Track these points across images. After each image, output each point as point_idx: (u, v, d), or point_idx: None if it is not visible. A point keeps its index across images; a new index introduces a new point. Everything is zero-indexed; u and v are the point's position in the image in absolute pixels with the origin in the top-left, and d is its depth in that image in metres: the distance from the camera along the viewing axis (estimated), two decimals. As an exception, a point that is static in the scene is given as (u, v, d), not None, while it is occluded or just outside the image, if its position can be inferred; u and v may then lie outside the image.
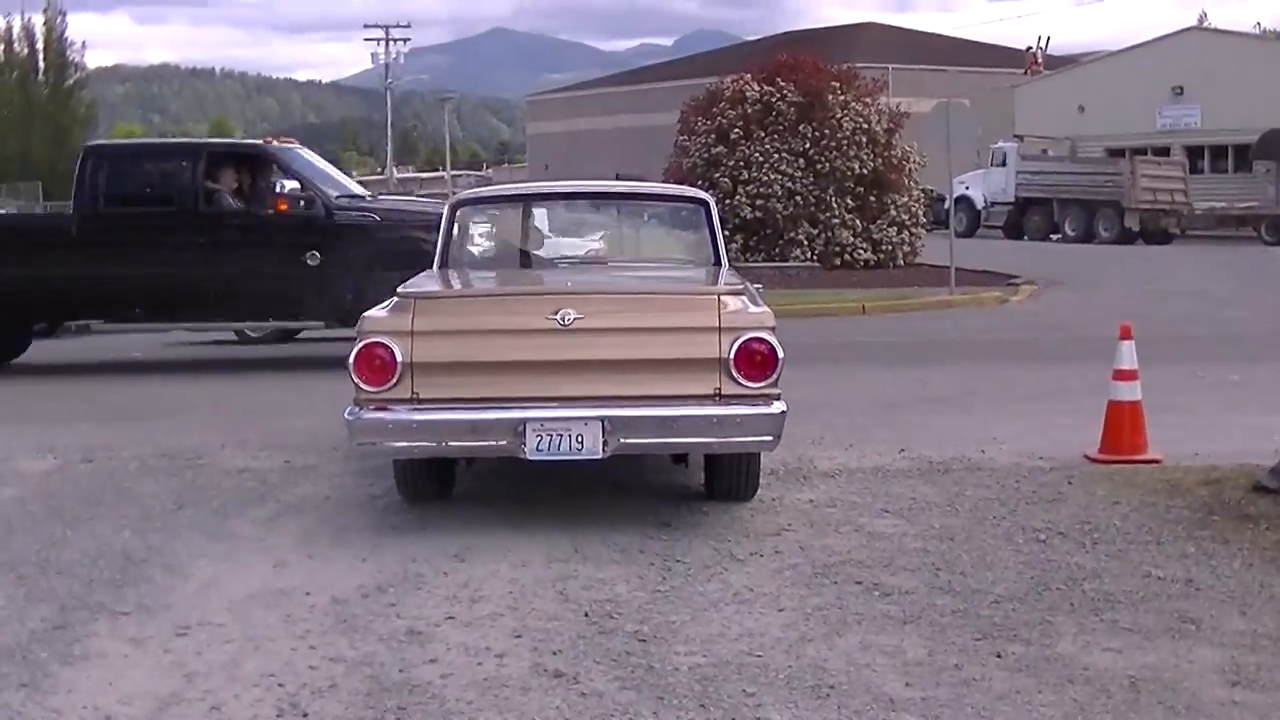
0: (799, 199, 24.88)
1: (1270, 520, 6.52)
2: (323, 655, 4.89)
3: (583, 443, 6.29)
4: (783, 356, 6.33)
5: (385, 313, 6.65)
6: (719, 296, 6.56)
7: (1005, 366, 12.82)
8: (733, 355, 6.28)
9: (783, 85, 25.43)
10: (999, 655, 4.80)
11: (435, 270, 7.82)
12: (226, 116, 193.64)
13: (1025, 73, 58.22)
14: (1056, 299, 20.77)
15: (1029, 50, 62.77)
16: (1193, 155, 44.66)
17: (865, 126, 25.17)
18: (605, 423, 6.28)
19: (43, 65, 72.17)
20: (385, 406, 6.36)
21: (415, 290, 6.89)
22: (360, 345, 6.37)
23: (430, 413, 6.35)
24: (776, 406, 6.35)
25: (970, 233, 38.11)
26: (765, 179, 24.73)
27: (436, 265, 7.87)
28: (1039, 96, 50.76)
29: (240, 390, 11.86)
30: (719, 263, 7.90)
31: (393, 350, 6.30)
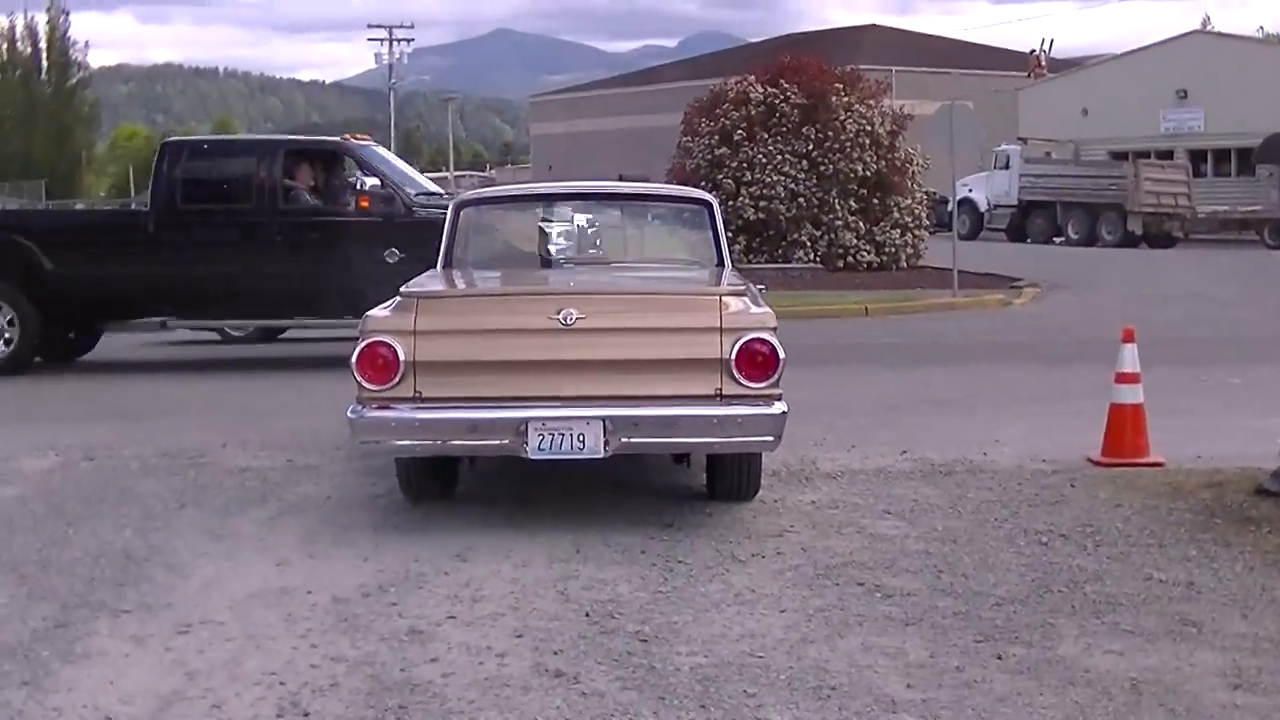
0: (802, 201, 24.87)
1: (1272, 523, 6.52)
2: (324, 654, 4.89)
3: (584, 442, 6.30)
4: (784, 357, 6.34)
5: (388, 312, 6.66)
6: (720, 297, 6.57)
7: (1008, 369, 12.81)
8: (734, 356, 6.29)
9: (786, 87, 25.43)
10: (1000, 657, 4.80)
11: (439, 270, 7.84)
12: (230, 116, 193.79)
13: (1029, 75, 58.28)
14: (1059, 302, 20.76)
15: (1032, 53, 62.82)
16: (1196, 159, 44.71)
17: (868, 128, 25.15)
18: (607, 422, 6.29)
19: (45, 64, 72.33)
20: (388, 405, 6.38)
21: (418, 290, 6.90)
22: (363, 344, 6.38)
23: (432, 411, 6.36)
24: (777, 407, 6.36)
25: (973, 235, 38.11)
26: (768, 180, 24.71)
27: (440, 265, 7.89)
28: (1042, 99, 50.80)
29: (241, 390, 11.86)
30: (722, 264, 7.91)
31: (395, 349, 6.31)
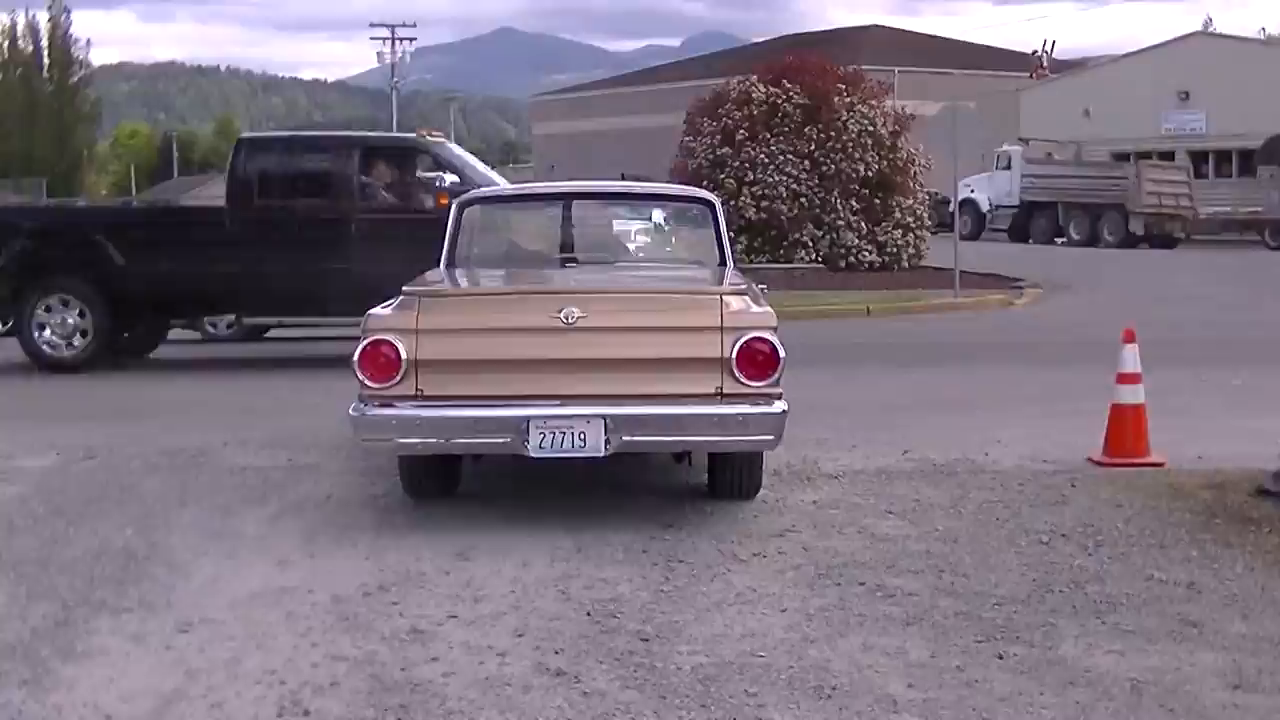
0: (804, 201, 24.89)
1: (1273, 524, 6.51)
2: (325, 653, 4.89)
3: (585, 440, 6.30)
4: (784, 356, 6.34)
5: (390, 310, 6.66)
6: (721, 296, 6.58)
7: (1009, 369, 12.81)
8: (734, 355, 6.29)
9: (788, 87, 25.45)
10: (1001, 657, 4.80)
11: (441, 268, 7.83)
12: (232, 114, 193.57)
13: (1031, 76, 58.25)
14: (1061, 302, 20.77)
15: (1034, 54, 62.80)
16: (1197, 160, 44.73)
17: (870, 129, 25.18)
18: (608, 421, 6.29)
19: (47, 62, 72.36)
20: (389, 403, 6.38)
21: (420, 288, 6.90)
22: (365, 342, 6.38)
23: (434, 409, 6.36)
24: (778, 406, 6.36)
25: (975, 236, 38.14)
26: (770, 180, 24.74)
27: (443, 264, 7.89)
28: (1044, 100, 50.78)
29: (242, 389, 11.86)
30: (724, 263, 7.91)
31: (397, 347, 6.31)
